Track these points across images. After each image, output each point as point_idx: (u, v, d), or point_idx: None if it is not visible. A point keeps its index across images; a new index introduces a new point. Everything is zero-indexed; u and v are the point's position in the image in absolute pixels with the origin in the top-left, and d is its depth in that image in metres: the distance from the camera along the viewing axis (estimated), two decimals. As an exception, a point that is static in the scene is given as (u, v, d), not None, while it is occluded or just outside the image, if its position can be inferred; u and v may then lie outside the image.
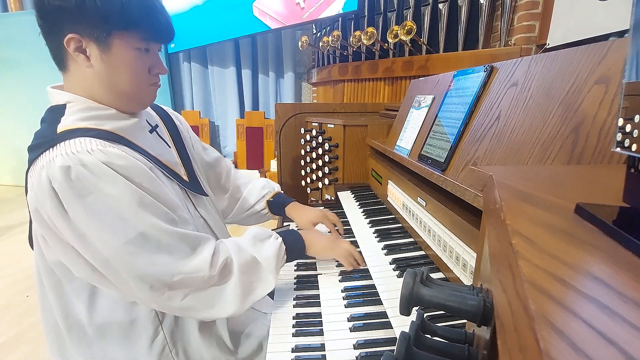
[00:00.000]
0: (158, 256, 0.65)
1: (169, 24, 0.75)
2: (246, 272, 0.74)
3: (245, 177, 1.19)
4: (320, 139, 1.50)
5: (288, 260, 0.83)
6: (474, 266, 0.60)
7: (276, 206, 1.16)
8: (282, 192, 1.20)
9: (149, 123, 0.84)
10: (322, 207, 1.41)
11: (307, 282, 0.92)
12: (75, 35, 0.67)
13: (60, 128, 0.67)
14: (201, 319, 0.73)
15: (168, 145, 0.87)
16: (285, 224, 1.34)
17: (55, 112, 0.70)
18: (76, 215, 0.62)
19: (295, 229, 1.18)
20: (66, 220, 0.62)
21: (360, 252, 0.93)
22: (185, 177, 0.87)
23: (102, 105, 0.73)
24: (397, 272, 0.79)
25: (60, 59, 0.71)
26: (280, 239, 0.82)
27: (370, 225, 1.05)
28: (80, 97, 0.71)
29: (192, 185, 0.88)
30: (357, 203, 1.26)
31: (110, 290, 0.73)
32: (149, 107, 0.91)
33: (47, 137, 0.66)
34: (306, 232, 0.91)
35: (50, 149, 0.63)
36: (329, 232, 1.13)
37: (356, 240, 1.01)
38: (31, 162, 0.66)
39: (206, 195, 0.93)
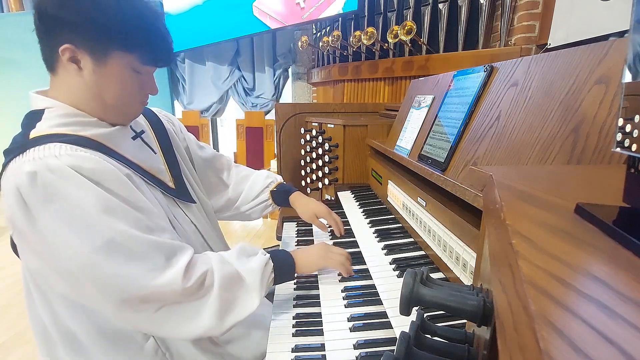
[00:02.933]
0: (127, 266, 0.61)
1: (170, 50, 0.74)
2: (227, 288, 0.69)
3: (247, 169, 1.19)
4: (320, 139, 1.50)
5: (277, 280, 0.79)
6: (474, 266, 0.60)
7: (280, 196, 1.14)
8: (285, 182, 1.20)
9: (133, 129, 0.81)
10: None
11: (307, 282, 0.92)
12: (72, 46, 0.66)
13: (33, 134, 0.65)
14: (176, 337, 0.68)
15: (154, 151, 0.85)
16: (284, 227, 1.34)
17: (32, 118, 0.68)
18: (43, 223, 0.59)
19: (296, 237, 1.18)
20: (33, 229, 0.60)
21: (360, 252, 0.93)
22: (171, 184, 0.85)
23: (82, 113, 0.71)
24: (397, 272, 0.79)
25: (51, 63, 0.70)
26: (267, 255, 0.78)
27: (370, 225, 1.05)
28: (61, 104, 0.70)
29: (177, 193, 0.85)
30: (357, 203, 1.26)
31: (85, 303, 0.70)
32: None
33: (18, 143, 0.65)
34: (296, 251, 0.86)
35: (20, 155, 0.62)
36: (329, 227, 1.13)
37: (356, 240, 1.01)
38: (4, 167, 0.64)
39: (194, 202, 0.91)
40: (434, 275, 0.75)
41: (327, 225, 1.13)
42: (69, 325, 0.72)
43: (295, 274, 0.84)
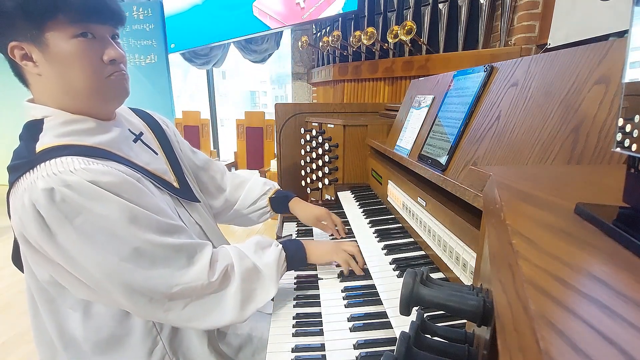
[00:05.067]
0: (154, 270, 0.64)
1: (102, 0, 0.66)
2: (247, 279, 0.73)
3: (242, 176, 1.18)
4: (320, 139, 1.50)
5: (289, 268, 0.83)
6: (474, 266, 0.60)
7: (279, 202, 1.14)
8: (281, 189, 1.19)
9: (132, 132, 0.80)
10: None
11: (307, 282, 0.92)
12: (15, 43, 0.63)
13: (39, 147, 0.63)
14: (202, 328, 0.73)
15: (155, 152, 0.84)
16: (285, 228, 1.34)
17: (33, 129, 0.66)
18: (65, 238, 0.59)
19: (296, 237, 1.18)
20: (54, 244, 0.60)
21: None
22: (175, 184, 0.85)
23: (79, 117, 0.69)
24: (397, 272, 0.79)
25: (17, 73, 0.68)
26: (280, 246, 0.82)
27: (370, 225, 1.05)
28: (55, 110, 0.68)
29: (182, 192, 0.85)
30: (357, 203, 1.26)
31: (108, 304, 0.72)
32: (132, 115, 0.88)
33: (25, 158, 0.63)
34: (308, 241, 0.90)
35: (30, 170, 0.60)
36: (331, 236, 1.13)
37: (356, 240, 1.01)
38: (11, 184, 0.62)
39: (198, 201, 0.91)
40: (434, 275, 0.75)
41: (334, 228, 1.13)
42: (74, 333, 0.72)
43: (307, 263, 0.88)
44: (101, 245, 0.60)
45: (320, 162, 1.53)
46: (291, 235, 1.24)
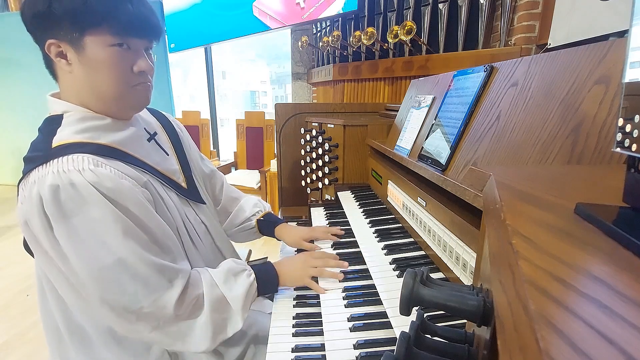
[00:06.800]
0: (130, 285, 0.64)
1: (142, 16, 0.70)
2: (217, 310, 0.73)
3: (236, 192, 1.19)
4: (320, 139, 1.50)
5: (260, 294, 0.82)
6: (474, 266, 0.60)
7: (266, 226, 1.14)
8: (272, 212, 1.19)
9: (147, 131, 0.83)
10: (322, 207, 1.41)
11: (307, 282, 0.92)
12: (54, 40, 0.66)
13: (56, 142, 0.66)
14: (174, 351, 0.74)
15: (167, 153, 0.87)
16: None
17: (52, 123, 0.69)
18: (60, 233, 0.62)
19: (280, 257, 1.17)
20: (50, 238, 0.62)
21: (360, 252, 0.93)
22: (183, 184, 0.87)
23: (97, 115, 0.72)
24: (397, 272, 0.79)
25: (49, 67, 0.72)
26: (253, 276, 0.80)
27: (370, 225, 1.05)
28: (76, 106, 0.71)
29: (190, 193, 0.87)
30: (357, 203, 1.26)
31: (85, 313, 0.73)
32: (148, 114, 0.91)
33: (41, 151, 0.66)
34: (280, 265, 0.87)
35: (44, 164, 0.63)
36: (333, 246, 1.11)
37: (356, 240, 1.01)
38: (25, 174, 0.65)
39: (204, 203, 0.93)
40: (434, 275, 0.75)
41: (326, 235, 1.11)
42: (79, 320, 0.74)
43: (278, 289, 0.87)
44: (89, 248, 0.62)
45: (320, 162, 1.53)
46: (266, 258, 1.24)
